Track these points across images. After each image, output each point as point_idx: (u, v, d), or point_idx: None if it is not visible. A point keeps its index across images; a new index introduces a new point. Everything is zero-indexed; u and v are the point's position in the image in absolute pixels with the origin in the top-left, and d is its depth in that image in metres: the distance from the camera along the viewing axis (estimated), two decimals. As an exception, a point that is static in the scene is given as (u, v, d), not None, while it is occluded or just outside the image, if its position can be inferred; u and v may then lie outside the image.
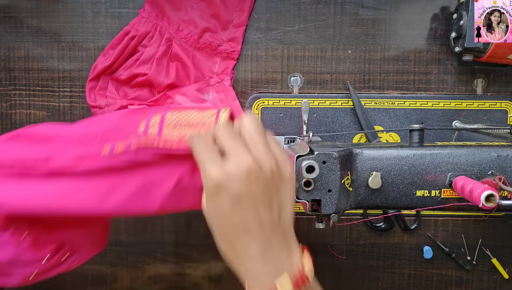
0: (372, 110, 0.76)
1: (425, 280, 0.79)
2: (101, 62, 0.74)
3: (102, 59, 0.74)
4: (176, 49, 0.74)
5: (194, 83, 0.75)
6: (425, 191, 0.54)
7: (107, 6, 0.76)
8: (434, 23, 0.75)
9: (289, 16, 0.76)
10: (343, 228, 0.78)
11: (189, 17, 0.74)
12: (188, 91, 0.75)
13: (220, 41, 0.75)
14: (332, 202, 0.52)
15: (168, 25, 0.74)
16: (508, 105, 0.76)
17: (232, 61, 0.76)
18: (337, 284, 0.79)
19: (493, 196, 0.46)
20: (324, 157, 0.52)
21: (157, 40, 0.74)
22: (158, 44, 0.74)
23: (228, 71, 0.76)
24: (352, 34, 0.76)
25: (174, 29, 0.74)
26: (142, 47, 0.74)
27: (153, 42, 0.74)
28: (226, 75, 0.76)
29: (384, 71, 0.76)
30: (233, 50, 0.76)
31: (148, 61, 0.74)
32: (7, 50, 0.77)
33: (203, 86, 0.76)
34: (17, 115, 0.78)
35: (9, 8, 0.76)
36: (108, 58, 0.74)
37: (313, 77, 0.77)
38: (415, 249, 0.79)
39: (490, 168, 0.54)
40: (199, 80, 0.76)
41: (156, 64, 0.73)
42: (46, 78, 0.77)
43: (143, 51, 0.74)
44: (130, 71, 0.74)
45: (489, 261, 0.78)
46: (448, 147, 0.55)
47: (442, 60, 0.76)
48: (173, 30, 0.74)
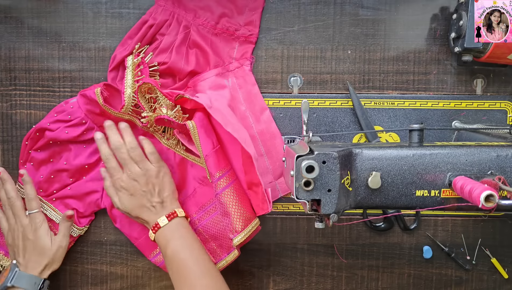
0: (371, 110, 0.76)
1: (424, 280, 0.79)
2: (120, 52, 0.74)
3: (121, 49, 0.74)
4: (194, 36, 0.74)
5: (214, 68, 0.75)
6: (425, 191, 0.54)
7: (108, 6, 0.76)
8: (434, 23, 0.76)
9: (289, 17, 0.76)
10: (342, 228, 0.79)
11: (205, 3, 0.74)
12: (207, 77, 0.75)
13: (237, 26, 0.75)
14: (332, 202, 0.53)
15: (185, 13, 0.74)
16: (507, 105, 0.76)
17: (250, 45, 0.76)
18: (337, 284, 0.79)
19: (493, 196, 0.46)
20: (324, 157, 0.52)
21: (175, 28, 0.74)
22: (176, 32, 0.74)
23: (248, 56, 0.76)
24: (352, 34, 0.76)
25: (191, 16, 0.74)
26: (160, 36, 0.75)
27: (171, 30, 0.74)
28: (245, 60, 0.76)
29: (384, 71, 0.77)
30: (250, 33, 0.76)
31: (167, 49, 0.74)
32: (7, 50, 0.77)
33: (223, 71, 0.76)
34: (17, 115, 0.78)
35: (10, 9, 0.76)
36: (127, 47, 0.74)
37: (313, 77, 0.77)
38: (415, 249, 0.79)
39: (489, 168, 0.54)
40: (219, 65, 0.76)
41: (176, 52, 0.74)
42: (47, 78, 0.77)
43: (161, 39, 0.74)
44: (151, 60, 0.74)
45: (488, 261, 0.78)
46: (448, 147, 0.55)
47: (441, 60, 0.76)
48: (190, 17, 0.74)
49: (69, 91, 0.77)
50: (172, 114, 0.70)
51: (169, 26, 0.74)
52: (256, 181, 0.69)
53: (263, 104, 0.76)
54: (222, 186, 0.70)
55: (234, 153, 0.71)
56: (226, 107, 0.72)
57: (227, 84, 0.75)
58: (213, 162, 0.70)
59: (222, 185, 0.70)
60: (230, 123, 0.68)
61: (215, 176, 0.70)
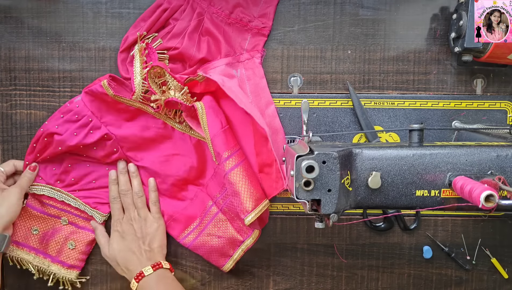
0: (371, 110, 0.76)
1: (424, 280, 0.79)
2: (132, 33, 0.74)
3: (133, 31, 0.74)
4: (207, 24, 0.74)
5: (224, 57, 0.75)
6: (425, 191, 0.54)
7: (108, 6, 0.76)
8: (434, 23, 0.76)
9: (289, 17, 0.76)
10: (342, 228, 0.79)
11: None
12: (218, 65, 0.75)
13: (251, 17, 0.75)
14: (332, 201, 0.53)
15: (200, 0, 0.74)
16: (507, 105, 0.76)
17: (262, 38, 0.76)
18: (337, 284, 0.79)
19: (493, 196, 0.46)
20: (324, 157, 0.52)
21: (189, 14, 0.74)
22: (189, 18, 0.74)
23: (259, 48, 0.76)
24: (352, 34, 0.76)
25: (206, 3, 0.74)
26: (173, 20, 0.74)
27: (185, 16, 0.74)
28: (256, 52, 0.76)
29: (384, 71, 0.77)
30: (264, 26, 0.75)
31: (180, 35, 0.74)
32: (7, 50, 0.77)
33: (233, 61, 0.76)
34: (17, 115, 0.78)
35: (10, 9, 0.76)
36: (140, 29, 0.74)
37: (313, 77, 0.77)
38: (415, 249, 0.79)
39: (489, 168, 0.54)
40: (230, 55, 0.75)
41: (188, 38, 0.73)
42: (47, 78, 0.77)
43: (174, 24, 0.74)
44: (162, 44, 0.74)
45: (488, 261, 0.78)
46: (448, 147, 0.55)
47: (441, 60, 0.76)
48: (205, 4, 0.74)
49: (69, 91, 0.77)
50: (179, 96, 0.70)
51: (183, 12, 0.74)
52: (269, 161, 0.69)
53: (269, 98, 0.76)
54: (230, 165, 0.69)
55: (245, 135, 0.71)
56: (237, 87, 0.72)
57: (236, 74, 0.75)
58: (222, 141, 0.69)
59: (230, 165, 0.69)
60: (243, 102, 0.68)
61: (223, 156, 0.69)
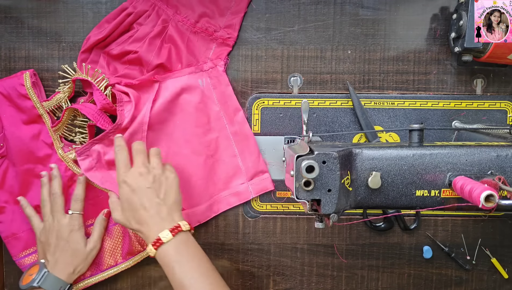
0: (371, 110, 0.76)
1: (424, 279, 0.79)
2: (94, 34, 0.74)
3: (96, 32, 0.74)
4: (171, 31, 0.74)
5: (186, 67, 0.75)
6: (425, 191, 0.54)
7: (108, 6, 0.76)
8: (434, 23, 0.76)
9: (289, 17, 0.76)
10: (342, 228, 0.79)
11: (188, 0, 0.74)
12: (180, 76, 0.75)
13: (216, 27, 0.75)
14: (332, 201, 0.53)
15: (166, 7, 0.74)
16: (507, 105, 0.76)
17: (227, 48, 0.76)
18: (337, 284, 0.79)
19: (493, 196, 0.46)
20: (324, 157, 0.52)
21: (153, 20, 0.74)
22: (153, 24, 0.74)
23: (222, 57, 0.76)
24: (352, 34, 0.76)
25: (172, 11, 0.74)
26: (137, 25, 0.74)
27: (149, 22, 0.74)
28: (219, 60, 0.76)
29: (384, 71, 0.77)
30: (229, 36, 0.76)
31: (141, 39, 0.74)
32: (7, 50, 0.77)
33: (196, 70, 0.76)
34: (17, 115, 0.78)
35: (10, 9, 0.76)
36: (102, 31, 0.74)
37: (313, 77, 0.77)
38: (415, 249, 0.79)
39: (489, 168, 0.54)
40: (192, 64, 0.76)
41: (148, 43, 0.73)
42: (47, 78, 0.77)
43: (138, 28, 0.74)
44: (122, 47, 0.74)
45: (488, 261, 0.78)
46: (448, 147, 0.55)
47: (441, 60, 0.76)
48: (171, 12, 0.74)
49: (69, 91, 0.77)
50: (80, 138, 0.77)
51: (147, 17, 0.74)
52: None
53: (237, 105, 0.76)
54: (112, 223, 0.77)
55: None
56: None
57: (200, 84, 0.75)
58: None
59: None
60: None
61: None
